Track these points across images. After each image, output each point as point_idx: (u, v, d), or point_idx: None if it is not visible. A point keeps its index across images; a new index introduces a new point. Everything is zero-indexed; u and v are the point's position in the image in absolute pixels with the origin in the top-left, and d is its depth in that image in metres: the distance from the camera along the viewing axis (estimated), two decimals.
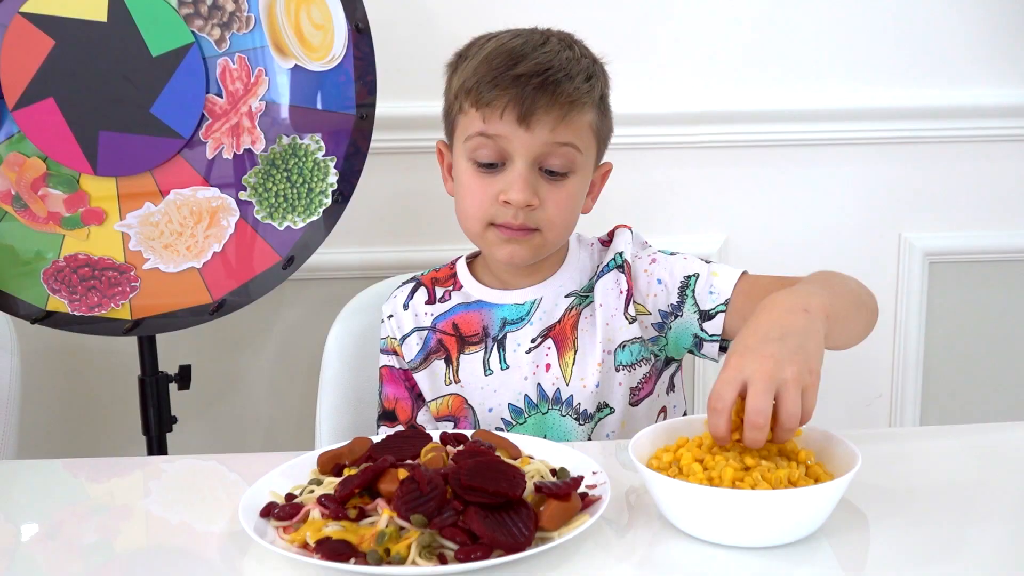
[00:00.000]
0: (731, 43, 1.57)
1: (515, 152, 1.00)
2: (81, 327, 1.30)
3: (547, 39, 1.02)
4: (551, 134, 0.99)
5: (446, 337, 1.12)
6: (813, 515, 0.70)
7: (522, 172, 1.00)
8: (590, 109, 1.03)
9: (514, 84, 0.98)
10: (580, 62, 1.02)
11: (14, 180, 1.24)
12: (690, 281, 1.05)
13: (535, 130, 0.98)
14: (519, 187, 0.99)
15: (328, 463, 0.81)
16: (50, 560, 0.76)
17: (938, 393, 1.72)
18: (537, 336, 1.08)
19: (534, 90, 0.97)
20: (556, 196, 1.02)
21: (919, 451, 0.93)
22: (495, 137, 1.00)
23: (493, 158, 1.01)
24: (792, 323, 0.78)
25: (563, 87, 0.98)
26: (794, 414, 0.73)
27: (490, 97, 0.98)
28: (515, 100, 0.97)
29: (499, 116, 0.98)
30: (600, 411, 1.07)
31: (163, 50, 1.21)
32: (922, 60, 1.59)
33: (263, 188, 1.26)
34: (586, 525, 0.70)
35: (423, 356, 1.13)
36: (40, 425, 1.62)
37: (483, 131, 1.00)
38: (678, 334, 1.06)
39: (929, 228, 1.66)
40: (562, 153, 1.01)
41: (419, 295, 1.15)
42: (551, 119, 0.99)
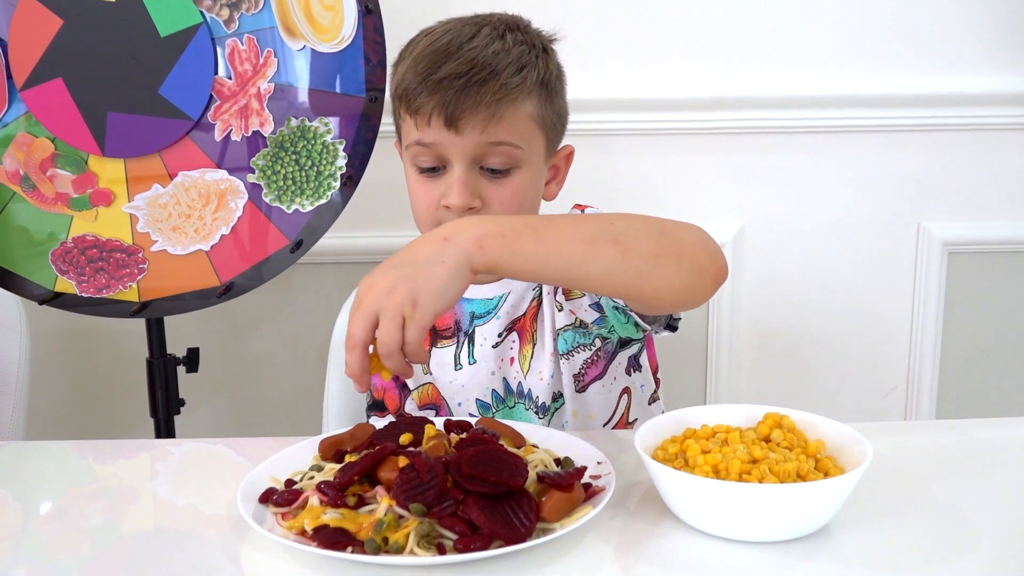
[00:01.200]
0: (750, 28, 1.55)
1: (450, 156, 0.98)
2: (89, 308, 1.30)
3: (478, 31, 0.99)
4: (482, 135, 0.96)
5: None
6: (822, 510, 0.69)
7: (460, 175, 0.97)
8: (526, 100, 0.98)
9: (438, 88, 0.95)
10: (510, 53, 0.98)
11: (23, 160, 1.24)
12: None
13: (464, 133, 0.96)
14: (457, 191, 0.97)
15: (329, 449, 0.80)
16: (57, 540, 0.77)
17: (955, 386, 1.70)
18: (503, 330, 1.07)
19: (457, 92, 0.94)
20: (500, 195, 0.99)
21: (934, 445, 0.91)
22: (430, 145, 0.98)
23: (433, 163, 0.99)
24: (418, 250, 0.76)
25: (488, 85, 0.95)
26: (388, 342, 0.71)
27: (418, 104, 0.96)
28: (439, 105, 0.95)
29: (427, 123, 0.96)
30: (555, 401, 1.06)
31: (171, 30, 1.20)
32: (944, 47, 1.56)
33: (271, 171, 1.25)
34: (588, 516, 0.69)
35: None
36: (48, 406, 1.63)
37: (419, 139, 0.98)
38: (610, 309, 1.03)
39: (948, 218, 1.64)
40: (499, 152, 0.98)
41: None
42: (479, 120, 0.95)
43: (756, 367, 1.68)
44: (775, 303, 1.66)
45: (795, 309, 1.66)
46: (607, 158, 1.59)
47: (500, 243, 0.78)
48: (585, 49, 1.55)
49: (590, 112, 1.55)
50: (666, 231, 0.85)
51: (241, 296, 1.31)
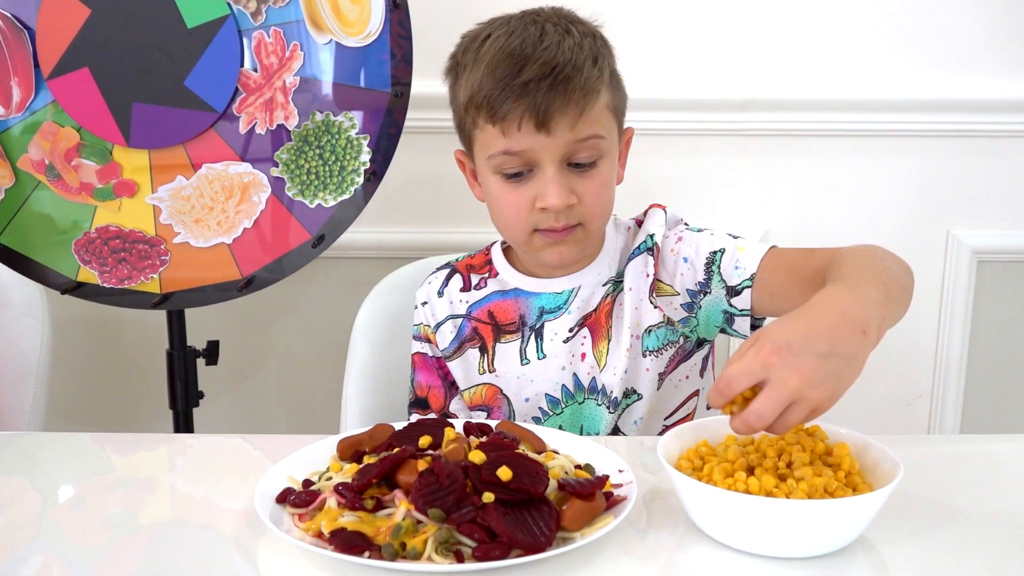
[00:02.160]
0: (780, 30, 1.53)
1: (542, 158, 0.97)
2: (111, 299, 1.30)
3: (543, 29, 0.98)
4: (573, 133, 0.96)
5: (481, 325, 1.10)
6: (850, 527, 0.67)
7: (554, 176, 0.97)
8: (604, 91, 0.99)
9: (525, 92, 0.94)
10: (583, 46, 0.98)
11: (48, 150, 1.24)
12: (715, 257, 1.01)
13: (556, 133, 0.96)
14: (554, 192, 0.97)
15: (348, 449, 0.79)
16: (75, 529, 0.77)
17: (981, 396, 1.67)
18: (574, 325, 1.06)
19: (546, 94, 0.94)
20: (591, 187, 1.00)
21: (960, 459, 0.89)
22: (520, 151, 0.97)
23: (520, 168, 0.99)
24: (844, 342, 0.70)
25: (574, 82, 0.95)
26: (789, 426, 0.69)
27: (504, 111, 0.95)
28: (530, 109, 0.94)
29: (517, 128, 0.95)
30: (627, 397, 1.05)
31: (198, 22, 1.19)
32: (977, 51, 1.53)
33: (295, 165, 1.24)
34: (610, 527, 0.67)
35: (457, 344, 1.11)
36: (68, 394, 1.64)
37: (506, 148, 0.97)
38: (708, 312, 1.03)
39: (979, 225, 1.61)
40: (588, 146, 0.98)
41: (454, 282, 1.13)
42: (569, 119, 0.95)
43: None
44: None
45: None
46: (633, 157, 1.56)
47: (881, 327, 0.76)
48: (615, 48, 1.54)
49: None
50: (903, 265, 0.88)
51: (262, 290, 1.30)
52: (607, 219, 1.05)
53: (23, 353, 1.30)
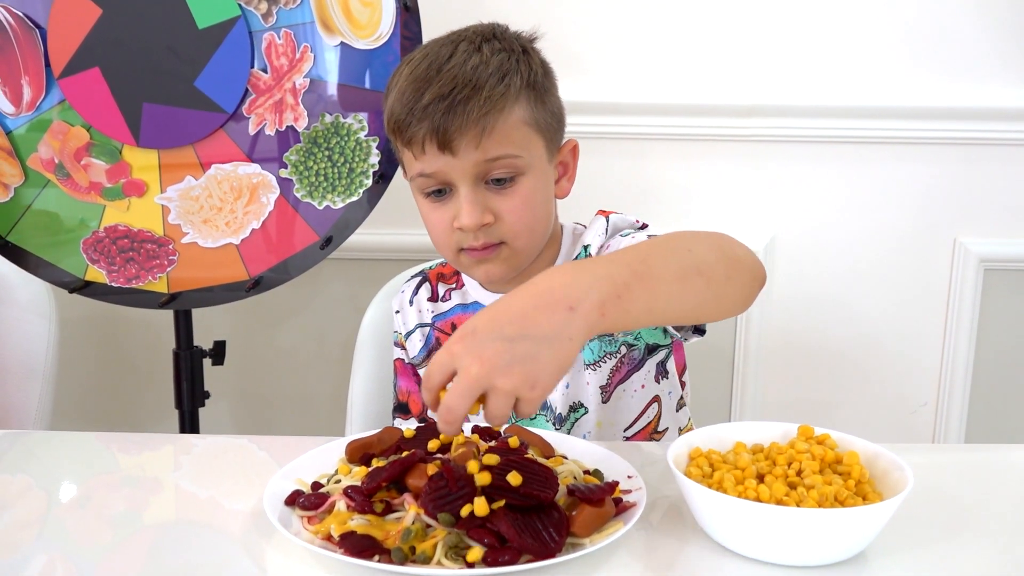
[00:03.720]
0: (787, 36, 1.53)
1: (453, 178, 0.97)
2: (118, 298, 1.30)
3: (455, 48, 0.97)
4: (478, 152, 0.95)
5: (444, 337, 1.10)
6: (861, 536, 0.67)
7: (466, 196, 0.96)
8: (515, 107, 0.96)
9: (425, 115, 0.94)
10: (489, 63, 0.96)
11: (58, 149, 1.24)
12: None
13: (461, 154, 0.95)
14: (466, 212, 0.96)
15: (356, 452, 0.79)
16: (79, 528, 0.77)
17: (986, 404, 1.67)
18: None
19: (444, 115, 0.93)
20: (510, 204, 0.98)
21: (968, 468, 0.89)
22: (430, 174, 0.97)
23: (439, 186, 0.98)
24: (539, 323, 0.66)
25: (472, 102, 0.93)
26: (499, 417, 0.65)
27: (410, 134, 0.95)
28: (430, 132, 0.94)
29: (422, 150, 0.96)
30: (575, 411, 1.04)
31: (209, 23, 1.19)
32: (985, 59, 1.53)
33: (304, 166, 1.24)
34: (620, 533, 0.67)
35: (425, 353, 1.12)
36: (74, 392, 1.64)
37: (420, 171, 0.98)
38: None
39: (985, 233, 1.61)
40: (500, 164, 0.96)
41: (423, 291, 1.14)
42: (471, 138, 0.94)
43: (783, 377, 1.66)
44: (805, 313, 1.64)
45: (825, 320, 1.64)
46: (640, 162, 1.57)
47: (617, 305, 0.70)
48: (620, 53, 1.54)
49: (624, 116, 1.54)
50: (726, 249, 0.82)
51: (269, 291, 1.30)
52: (536, 236, 1.02)
53: (30, 351, 1.31)
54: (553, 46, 1.50)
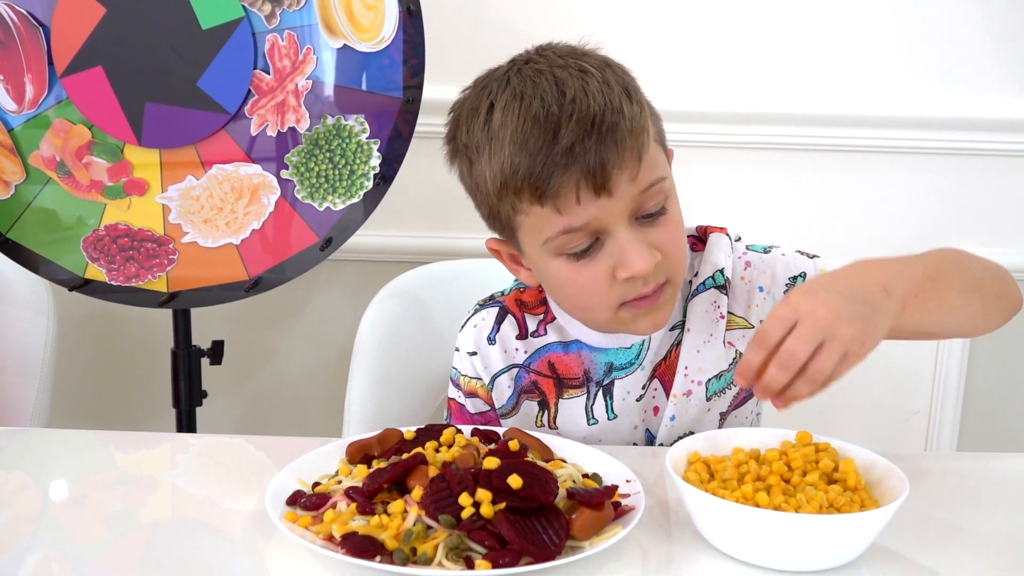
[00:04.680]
0: (788, 44, 1.54)
1: (609, 224, 0.82)
2: (118, 296, 1.30)
3: (556, 77, 0.82)
4: (636, 184, 0.82)
5: (542, 379, 0.97)
6: (857, 542, 0.68)
7: (630, 239, 0.82)
8: (648, 124, 0.85)
9: (572, 158, 0.79)
10: (609, 82, 0.83)
11: (59, 147, 1.24)
12: (796, 282, 0.92)
13: (619, 192, 0.81)
14: (637, 255, 0.82)
15: (357, 453, 0.80)
16: (76, 526, 0.77)
17: (978, 413, 1.68)
18: (646, 380, 0.95)
19: (597, 151, 0.79)
20: (667, 235, 0.85)
21: (962, 476, 0.90)
22: (583, 226, 0.82)
23: (588, 243, 0.83)
24: (868, 294, 0.71)
25: (620, 128, 0.80)
26: (823, 370, 0.68)
27: (555, 187, 0.80)
28: (584, 175, 0.79)
29: (576, 201, 0.80)
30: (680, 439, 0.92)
31: (213, 24, 1.20)
32: (985, 70, 1.54)
33: (305, 168, 1.25)
34: (619, 536, 0.68)
35: (515, 398, 0.98)
36: (72, 390, 1.64)
37: (567, 227, 0.82)
38: None
39: (982, 243, 1.61)
40: (654, 192, 0.83)
41: (507, 327, 0.98)
42: (629, 171, 0.81)
43: None
44: None
45: None
46: None
47: (915, 303, 0.75)
48: (621, 60, 1.55)
49: None
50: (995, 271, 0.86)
51: (267, 291, 1.31)
52: (684, 262, 0.90)
53: (28, 349, 1.31)
54: None
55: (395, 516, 0.68)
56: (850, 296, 0.70)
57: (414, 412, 1.27)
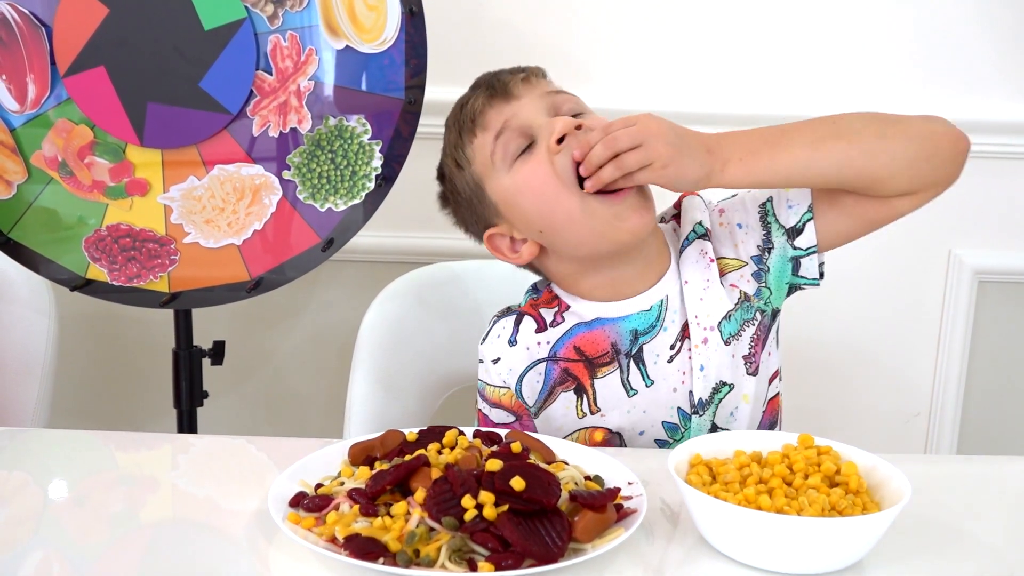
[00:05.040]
0: (785, 47, 1.54)
1: (530, 120, 0.96)
2: (119, 296, 1.30)
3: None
4: (534, 87, 0.98)
5: (572, 364, 0.99)
6: (860, 545, 0.68)
7: (547, 118, 0.96)
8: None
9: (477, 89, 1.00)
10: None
11: (61, 147, 1.24)
12: (767, 207, 0.99)
13: (518, 93, 0.97)
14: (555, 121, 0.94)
15: (359, 455, 0.80)
16: (76, 526, 0.78)
17: (978, 416, 1.68)
18: (675, 340, 0.98)
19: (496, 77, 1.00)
20: (591, 121, 0.95)
21: (963, 479, 0.90)
22: (505, 127, 0.96)
23: (524, 142, 0.96)
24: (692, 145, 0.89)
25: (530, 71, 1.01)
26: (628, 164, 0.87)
27: (473, 109, 0.98)
28: (487, 90, 0.98)
29: (490, 109, 0.97)
30: (718, 392, 0.97)
31: (215, 24, 1.20)
32: (983, 72, 1.54)
33: (307, 168, 1.25)
34: (621, 539, 0.68)
35: (547, 392, 1.01)
36: (73, 391, 1.64)
37: (497, 132, 0.96)
38: (777, 269, 0.98)
39: (980, 245, 1.62)
40: (564, 98, 0.98)
41: (525, 326, 1.02)
42: (525, 80, 0.99)
43: None
44: (800, 322, 1.64)
45: (819, 329, 1.65)
46: None
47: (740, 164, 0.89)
48: (624, 63, 1.55)
49: None
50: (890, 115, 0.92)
51: (269, 291, 1.31)
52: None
53: (29, 349, 1.31)
54: (559, 55, 1.51)
55: (398, 518, 0.68)
56: (681, 135, 0.89)
57: (415, 413, 1.27)
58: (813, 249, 0.97)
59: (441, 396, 1.32)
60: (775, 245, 0.98)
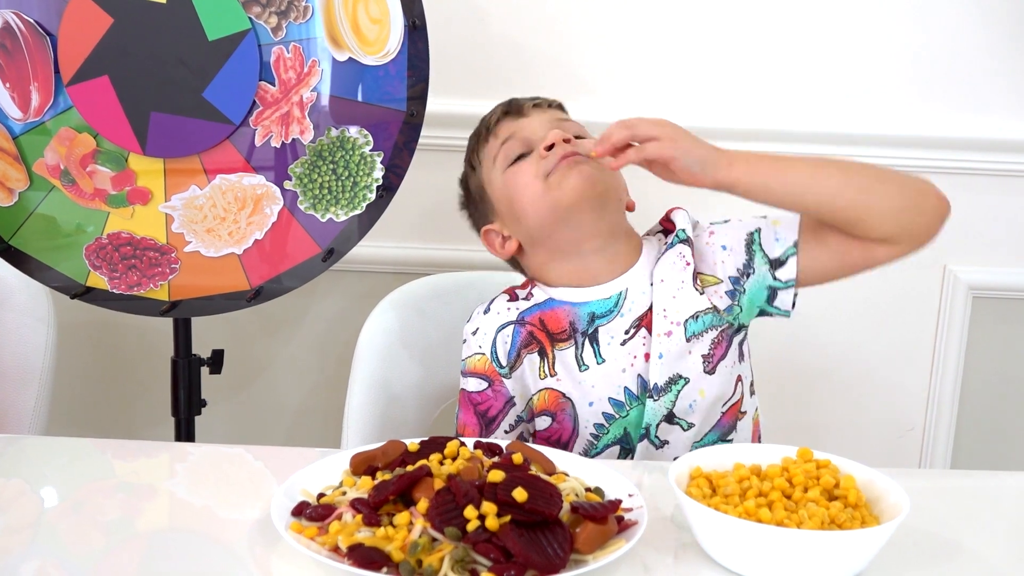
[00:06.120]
0: (783, 63, 1.55)
1: (532, 134, 1.10)
2: (119, 304, 1.30)
3: None
4: (545, 112, 1.13)
5: (536, 331, 1.10)
6: (859, 558, 0.68)
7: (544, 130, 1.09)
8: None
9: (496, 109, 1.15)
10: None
11: (64, 155, 1.25)
12: (754, 236, 1.07)
13: (529, 113, 1.12)
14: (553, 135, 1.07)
15: (361, 464, 0.80)
16: (72, 533, 0.78)
17: (972, 431, 1.69)
18: (630, 327, 1.07)
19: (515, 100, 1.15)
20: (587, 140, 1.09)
21: (959, 494, 0.91)
22: (512, 136, 1.11)
23: (522, 149, 1.10)
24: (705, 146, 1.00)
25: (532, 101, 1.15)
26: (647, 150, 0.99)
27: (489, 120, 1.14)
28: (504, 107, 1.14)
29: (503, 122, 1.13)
30: (674, 383, 1.05)
31: (219, 35, 1.21)
32: (976, 90, 1.56)
33: (308, 179, 1.26)
34: (623, 551, 0.69)
35: (516, 353, 1.10)
36: (71, 398, 1.63)
37: (504, 139, 1.11)
38: (752, 293, 1.07)
39: (975, 262, 1.63)
40: (570, 124, 1.12)
41: (500, 299, 1.15)
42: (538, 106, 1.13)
43: (771, 400, 1.67)
44: (794, 337, 1.65)
45: (814, 344, 1.65)
46: (639, 182, 1.59)
47: (746, 167, 0.99)
48: (625, 76, 1.56)
49: None
50: (888, 168, 1.01)
51: (268, 301, 1.31)
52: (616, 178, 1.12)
53: (27, 356, 1.31)
54: (559, 69, 1.52)
55: (401, 528, 0.69)
56: (695, 137, 1.01)
57: (413, 423, 1.28)
58: (792, 283, 1.05)
59: (439, 406, 1.32)
60: (755, 271, 1.06)
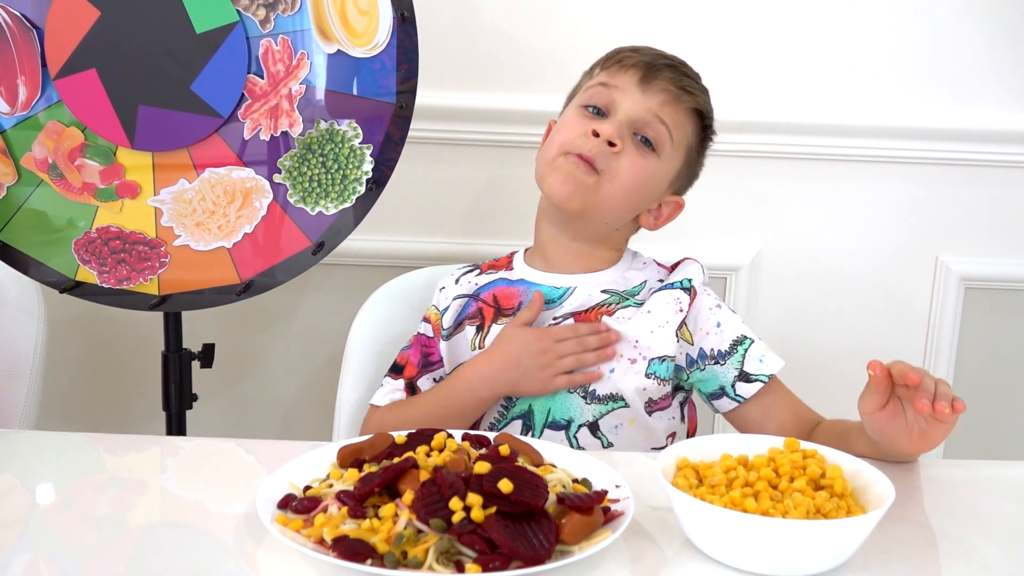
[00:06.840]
0: (779, 54, 1.55)
1: (622, 106, 1.09)
2: (109, 299, 1.30)
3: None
4: (659, 107, 1.08)
5: (485, 307, 1.16)
6: (845, 547, 0.69)
7: (620, 120, 1.08)
8: (694, 123, 1.13)
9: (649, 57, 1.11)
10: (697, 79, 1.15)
11: (52, 149, 1.24)
12: (745, 341, 1.10)
13: (648, 95, 1.08)
14: (613, 127, 1.07)
15: (348, 457, 0.80)
16: (63, 528, 0.77)
17: (964, 421, 1.67)
18: (560, 317, 1.12)
19: (663, 67, 1.10)
20: (635, 158, 1.08)
21: (947, 483, 0.91)
22: (611, 87, 1.10)
23: (601, 103, 1.10)
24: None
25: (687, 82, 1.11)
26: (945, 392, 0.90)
27: (626, 60, 1.11)
28: (644, 66, 1.09)
29: (624, 72, 1.10)
30: (614, 400, 1.09)
31: (207, 27, 1.20)
32: (969, 82, 1.56)
33: (298, 172, 1.25)
34: (608, 541, 0.68)
35: (458, 322, 1.17)
36: (61, 392, 1.63)
37: (604, 81, 1.11)
38: (707, 377, 1.10)
39: (967, 252, 1.63)
40: (659, 129, 1.09)
41: (472, 273, 1.23)
42: (666, 94, 1.09)
43: None
44: (787, 328, 1.66)
45: (808, 335, 1.66)
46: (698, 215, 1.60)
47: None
48: None
49: None
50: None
51: (259, 295, 1.31)
52: (621, 203, 1.11)
53: (17, 350, 1.30)
54: (549, 60, 1.52)
55: (386, 520, 0.69)
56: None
57: None
58: (741, 399, 1.09)
59: None
60: (723, 366, 1.10)
